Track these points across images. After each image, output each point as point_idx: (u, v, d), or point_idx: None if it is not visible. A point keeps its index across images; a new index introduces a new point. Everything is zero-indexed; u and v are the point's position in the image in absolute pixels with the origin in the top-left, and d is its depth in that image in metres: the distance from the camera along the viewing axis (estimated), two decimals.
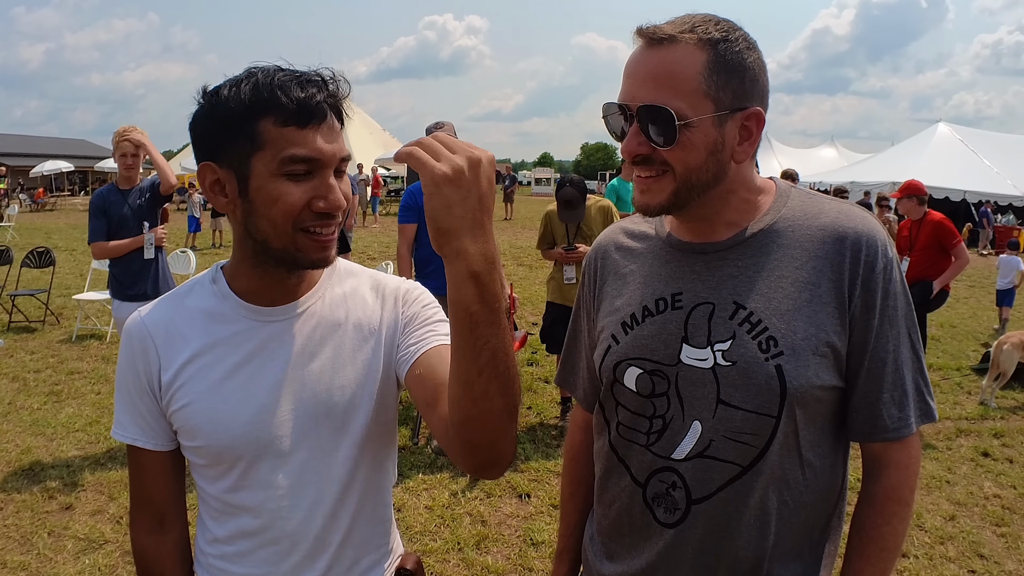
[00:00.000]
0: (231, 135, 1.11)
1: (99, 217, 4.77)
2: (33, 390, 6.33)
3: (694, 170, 1.18)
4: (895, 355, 1.22)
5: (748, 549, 1.24)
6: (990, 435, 5.80)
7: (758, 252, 1.25)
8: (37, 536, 3.87)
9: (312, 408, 1.22)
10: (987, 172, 24.90)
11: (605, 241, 1.49)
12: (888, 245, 1.22)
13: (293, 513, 1.23)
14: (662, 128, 1.15)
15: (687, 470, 1.24)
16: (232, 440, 1.20)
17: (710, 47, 1.15)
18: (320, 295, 1.28)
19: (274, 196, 1.11)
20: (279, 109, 1.08)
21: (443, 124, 4.84)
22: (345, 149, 1.15)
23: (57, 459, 4.86)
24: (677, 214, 1.27)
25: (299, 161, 1.09)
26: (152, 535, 1.31)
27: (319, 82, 1.12)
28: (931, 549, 3.97)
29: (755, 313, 1.21)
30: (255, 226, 1.15)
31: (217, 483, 1.25)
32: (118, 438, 1.27)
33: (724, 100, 1.15)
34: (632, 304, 1.35)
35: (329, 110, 1.12)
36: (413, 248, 4.94)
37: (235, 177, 1.13)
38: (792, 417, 1.20)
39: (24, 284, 9.60)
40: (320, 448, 1.23)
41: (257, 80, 1.10)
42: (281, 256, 1.16)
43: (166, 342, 1.23)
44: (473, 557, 3.75)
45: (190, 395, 1.21)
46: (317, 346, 1.24)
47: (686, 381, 1.25)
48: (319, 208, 1.12)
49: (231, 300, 1.24)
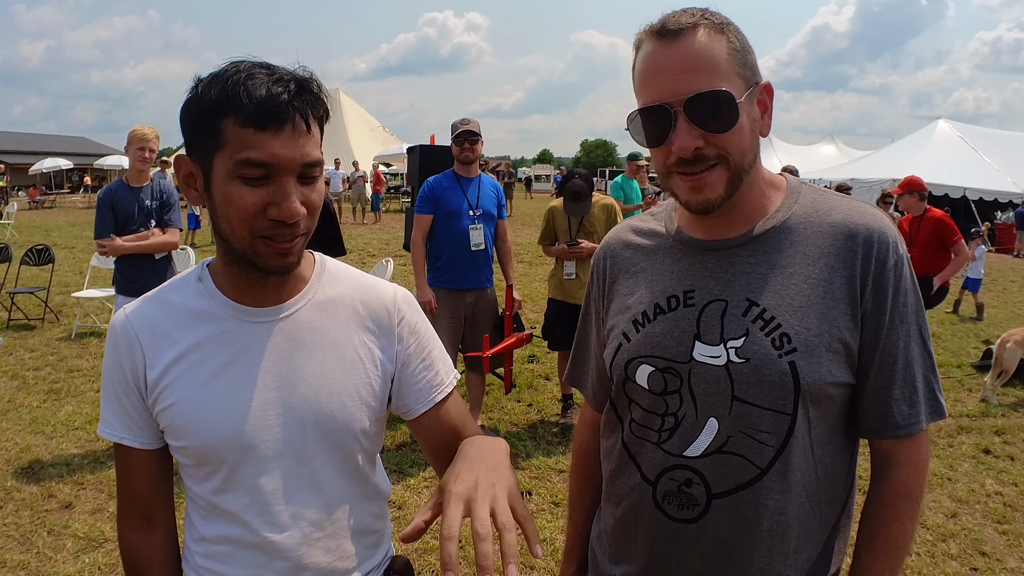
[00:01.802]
0: (199, 130, 1.10)
1: (106, 213, 4.79)
2: (33, 388, 6.32)
3: (745, 152, 1.18)
4: (905, 352, 1.22)
5: (764, 552, 1.23)
6: (991, 432, 5.80)
7: (771, 249, 1.24)
8: (37, 535, 3.86)
9: (300, 414, 1.21)
10: (987, 169, 24.88)
11: (613, 240, 1.48)
12: (899, 242, 1.22)
13: (278, 519, 1.22)
14: (722, 112, 1.14)
15: (705, 466, 1.23)
16: (217, 442, 1.18)
17: (724, 29, 1.17)
18: (309, 298, 1.26)
19: (230, 198, 1.09)
20: (240, 109, 1.05)
21: (469, 120, 4.88)
22: (311, 154, 1.10)
23: (57, 457, 4.85)
24: None
25: (253, 165, 1.06)
26: (139, 532, 1.30)
27: (287, 83, 1.08)
28: (933, 547, 3.97)
29: (768, 310, 1.21)
30: (218, 225, 1.14)
31: (203, 484, 1.23)
32: (104, 436, 1.26)
33: (748, 77, 1.18)
34: (643, 302, 1.34)
35: (296, 113, 1.08)
36: (428, 239, 4.95)
37: (202, 172, 1.12)
38: (806, 415, 1.19)
39: (23, 282, 9.58)
40: (306, 454, 1.22)
41: (228, 77, 1.07)
42: (242, 259, 1.15)
43: (152, 340, 1.21)
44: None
45: (176, 395, 1.19)
46: (306, 351, 1.22)
47: (699, 379, 1.24)
48: (273, 215, 1.09)
49: (218, 299, 1.22)
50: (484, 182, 5.03)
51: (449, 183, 4.90)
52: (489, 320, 5.14)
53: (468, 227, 4.86)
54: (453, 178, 4.93)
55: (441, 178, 4.94)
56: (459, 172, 4.95)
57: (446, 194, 4.86)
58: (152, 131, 4.73)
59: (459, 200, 4.87)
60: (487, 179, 5.09)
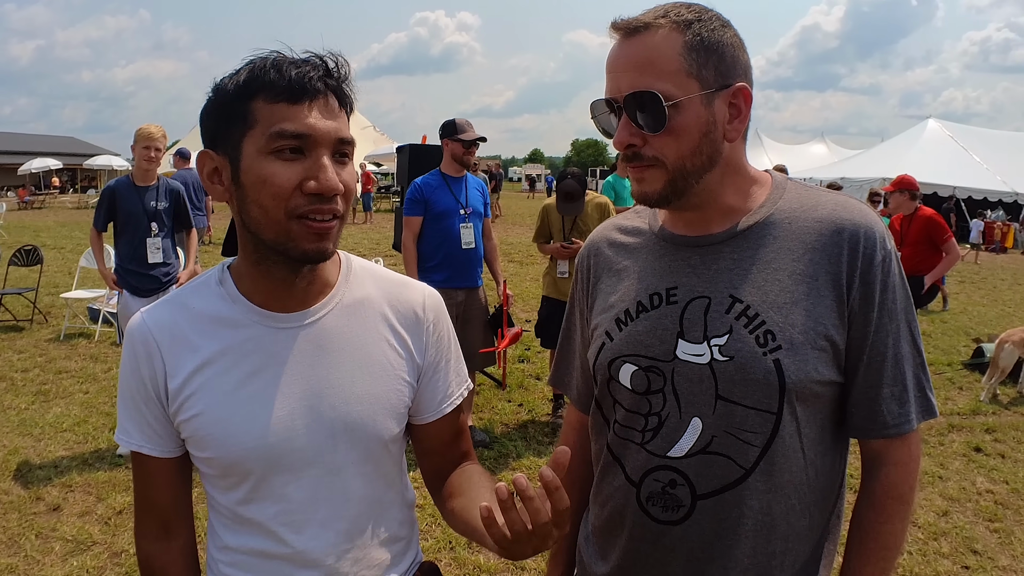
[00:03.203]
0: (226, 119, 1.08)
1: (106, 205, 4.84)
2: (21, 390, 6.26)
3: (687, 156, 1.17)
4: (895, 349, 1.20)
5: (750, 554, 1.21)
6: (982, 430, 5.82)
7: (754, 245, 1.23)
8: (24, 538, 3.82)
9: (329, 422, 1.17)
10: (977, 168, 25.02)
11: (597, 238, 1.46)
12: (887, 237, 1.20)
13: (306, 529, 1.18)
14: (651, 113, 1.14)
15: (689, 467, 1.22)
16: (244, 453, 1.14)
17: (685, 28, 1.14)
18: (337, 300, 1.22)
19: (263, 177, 1.05)
20: (270, 86, 1.04)
21: (471, 124, 4.86)
22: (345, 131, 1.09)
23: (45, 460, 4.81)
24: (676, 203, 1.24)
25: (288, 136, 1.03)
26: (158, 542, 1.25)
27: (316, 64, 1.08)
28: (924, 545, 3.97)
29: (752, 307, 1.19)
30: (248, 215, 1.09)
31: (228, 494, 1.19)
32: (123, 444, 1.21)
33: (708, 78, 1.15)
34: (626, 300, 1.32)
35: (327, 89, 1.07)
36: (418, 241, 4.93)
37: (229, 162, 1.09)
38: (793, 414, 1.17)
39: (11, 283, 9.52)
40: (336, 463, 1.19)
41: (254, 65, 1.07)
42: (274, 249, 1.10)
43: (172, 348, 1.16)
44: (465, 556, 3.73)
45: (200, 405, 1.14)
46: (334, 358, 1.19)
47: (682, 377, 1.22)
48: (310, 189, 1.04)
49: (241, 304, 1.17)
50: (470, 181, 5.02)
51: (438, 183, 4.88)
52: (480, 319, 5.13)
53: (460, 226, 4.84)
54: (441, 178, 4.91)
55: (429, 178, 4.91)
56: (447, 172, 4.92)
57: (436, 194, 4.83)
58: (159, 130, 4.70)
59: (449, 200, 4.85)
60: (473, 179, 5.08)
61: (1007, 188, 24.25)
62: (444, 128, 4.90)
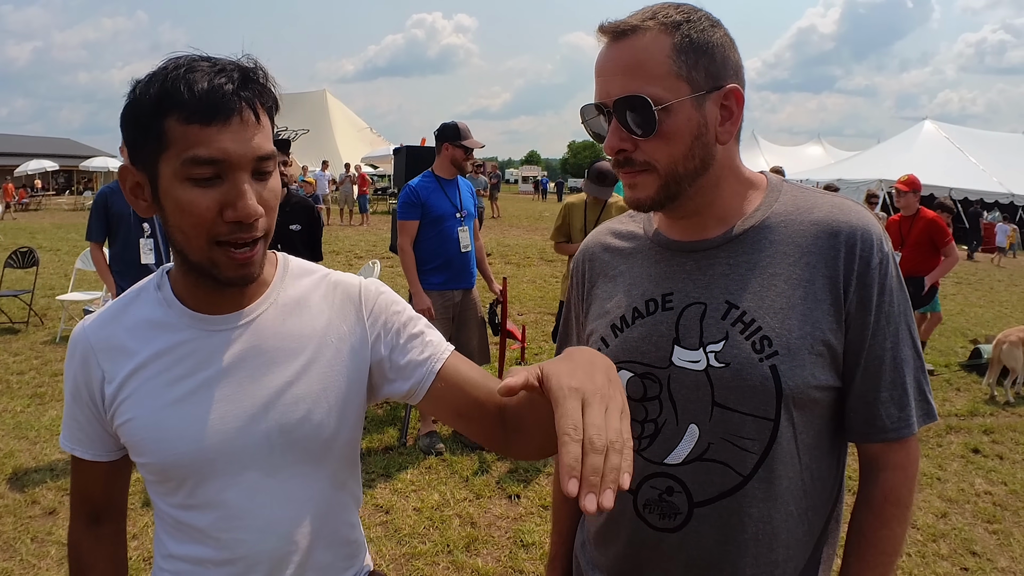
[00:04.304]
0: (143, 135, 1.03)
1: (99, 215, 4.77)
2: (16, 392, 6.24)
3: (679, 160, 1.15)
4: (893, 353, 1.19)
5: (752, 564, 1.20)
6: (980, 432, 5.82)
7: (750, 249, 1.22)
8: (20, 542, 3.80)
9: (264, 425, 1.15)
10: (973, 170, 25.08)
11: (592, 243, 1.45)
12: (884, 240, 1.19)
13: (246, 534, 1.17)
14: (641, 117, 1.13)
15: (686, 474, 1.21)
16: (177, 458, 1.13)
17: (674, 29, 1.13)
18: (271, 301, 1.20)
19: (181, 204, 1.02)
20: (182, 105, 0.98)
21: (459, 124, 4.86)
22: (264, 147, 1.04)
23: (40, 463, 4.79)
24: (669, 208, 1.23)
25: (202, 163, 0.99)
26: (87, 529, 1.30)
27: (231, 72, 1.02)
28: (923, 547, 3.97)
29: (748, 312, 1.18)
30: (172, 235, 1.08)
31: (167, 499, 1.19)
32: (62, 446, 1.25)
33: (699, 80, 1.13)
34: (622, 306, 1.31)
35: (243, 103, 1.01)
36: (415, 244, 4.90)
37: (148, 180, 1.06)
38: (791, 420, 1.16)
39: (7, 285, 9.47)
40: (273, 466, 1.17)
41: (167, 73, 1.01)
42: (199, 271, 1.09)
43: (108, 353, 1.16)
44: (463, 560, 3.71)
45: (132, 410, 1.14)
46: (269, 358, 1.17)
47: (679, 384, 1.21)
48: (229, 217, 1.02)
49: (175, 308, 1.17)
50: (461, 184, 5.01)
51: (433, 186, 4.86)
52: (474, 319, 5.12)
53: (457, 229, 4.83)
54: (435, 181, 4.89)
55: (423, 181, 4.88)
56: (441, 174, 4.90)
57: (432, 198, 4.82)
58: None
59: (445, 203, 4.83)
60: (463, 181, 5.07)
61: (1003, 189, 24.30)
62: (445, 131, 4.85)
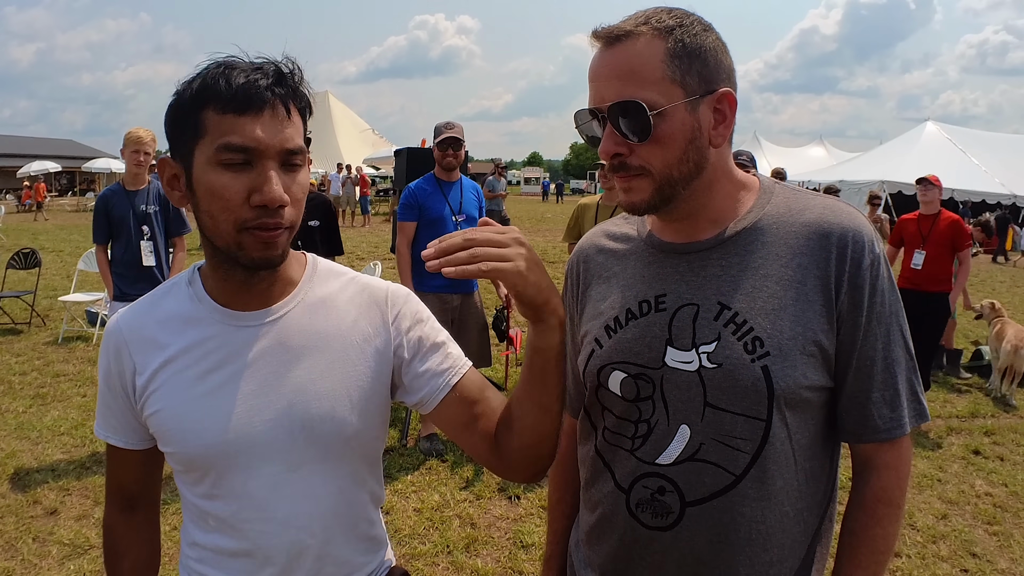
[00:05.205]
0: (181, 127, 1.10)
1: (101, 219, 4.79)
2: (18, 393, 6.26)
3: (674, 164, 1.16)
4: (885, 353, 1.20)
5: (746, 564, 1.20)
6: (981, 433, 5.82)
7: (742, 251, 1.22)
8: (22, 542, 3.82)
9: (287, 420, 1.18)
10: (976, 171, 25.02)
11: (587, 244, 1.46)
12: (875, 241, 1.20)
13: (267, 526, 1.20)
14: (636, 123, 1.13)
15: (678, 474, 1.21)
16: (202, 449, 1.17)
17: (667, 34, 1.14)
18: (299, 299, 1.24)
19: (212, 188, 1.08)
20: (219, 97, 1.06)
21: (453, 125, 4.84)
22: (293, 140, 1.10)
23: (42, 463, 4.80)
24: (664, 211, 1.24)
25: (234, 150, 1.06)
26: (121, 514, 1.36)
27: (267, 70, 1.09)
28: (923, 548, 3.97)
29: (740, 313, 1.19)
30: (202, 223, 1.13)
31: (193, 488, 1.23)
32: (97, 434, 1.30)
33: (692, 84, 1.14)
34: (615, 307, 1.32)
35: (276, 99, 1.08)
36: (412, 246, 4.91)
37: (184, 169, 1.12)
38: (783, 420, 1.17)
39: (10, 286, 9.51)
40: (294, 461, 1.20)
41: (208, 71, 1.08)
42: (227, 256, 1.14)
43: (140, 346, 1.22)
44: (463, 560, 3.72)
45: (161, 401, 1.19)
46: (294, 355, 1.20)
47: (671, 385, 1.22)
48: (256, 201, 1.07)
49: (206, 303, 1.22)
50: (465, 186, 5.00)
51: (432, 189, 4.87)
52: (475, 324, 5.11)
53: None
54: (435, 183, 4.90)
55: (423, 183, 4.90)
56: (440, 176, 4.91)
57: (429, 200, 4.83)
58: (148, 133, 4.69)
59: (441, 206, 4.84)
60: (468, 182, 5.07)
61: (1005, 191, 24.25)
62: (433, 134, 4.91)
